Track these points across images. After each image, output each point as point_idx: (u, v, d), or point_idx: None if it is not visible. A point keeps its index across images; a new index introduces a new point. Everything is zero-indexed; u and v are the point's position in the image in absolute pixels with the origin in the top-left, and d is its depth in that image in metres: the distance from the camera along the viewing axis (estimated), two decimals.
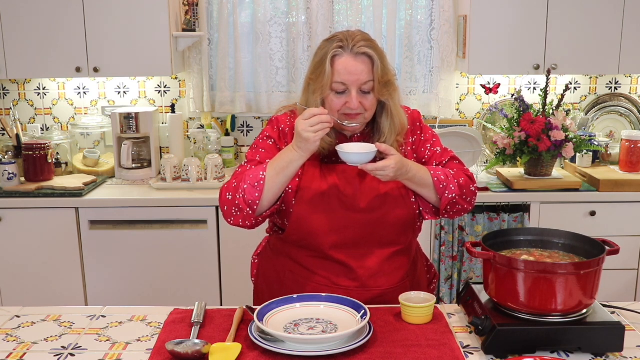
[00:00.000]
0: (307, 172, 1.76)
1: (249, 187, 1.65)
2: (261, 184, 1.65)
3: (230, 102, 3.48)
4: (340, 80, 1.69)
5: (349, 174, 1.76)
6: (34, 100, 3.54)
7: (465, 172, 1.83)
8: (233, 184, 1.70)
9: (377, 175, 1.65)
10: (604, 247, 1.52)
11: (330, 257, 1.75)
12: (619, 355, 1.47)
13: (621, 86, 3.54)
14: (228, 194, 1.70)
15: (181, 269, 3.05)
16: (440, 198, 1.75)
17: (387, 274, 1.78)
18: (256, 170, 1.67)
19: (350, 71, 1.68)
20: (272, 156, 1.74)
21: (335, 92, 1.70)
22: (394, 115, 1.77)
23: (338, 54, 1.69)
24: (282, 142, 1.80)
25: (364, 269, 1.75)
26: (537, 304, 1.46)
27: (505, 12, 3.13)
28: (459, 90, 3.55)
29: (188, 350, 1.42)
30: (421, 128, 1.88)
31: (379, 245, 1.76)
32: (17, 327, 1.63)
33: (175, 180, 3.13)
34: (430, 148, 1.86)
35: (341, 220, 1.73)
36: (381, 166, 1.62)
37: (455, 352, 1.47)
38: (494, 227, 3.05)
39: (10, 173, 3.06)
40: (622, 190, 3.03)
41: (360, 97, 1.70)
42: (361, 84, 1.69)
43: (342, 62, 1.69)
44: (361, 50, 1.69)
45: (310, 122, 1.59)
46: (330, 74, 1.69)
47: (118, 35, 3.12)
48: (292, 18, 3.39)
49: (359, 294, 1.73)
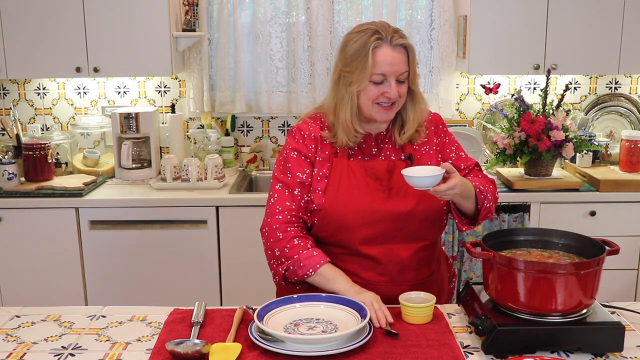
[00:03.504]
0: (336, 169, 1.78)
1: (293, 272, 1.72)
2: (303, 278, 1.71)
3: (230, 102, 3.48)
4: (380, 72, 1.71)
5: (377, 169, 1.78)
6: (34, 100, 3.54)
7: (491, 180, 1.89)
8: (285, 249, 1.73)
9: (444, 195, 1.65)
10: (604, 247, 1.52)
11: (359, 252, 1.76)
12: (619, 355, 1.47)
13: (621, 86, 3.54)
14: (276, 250, 1.75)
15: (181, 269, 3.05)
16: (480, 208, 1.79)
17: (415, 269, 1.79)
18: (310, 262, 1.71)
19: (390, 62, 1.71)
20: (301, 169, 1.78)
21: (374, 83, 1.72)
22: (419, 102, 1.81)
23: (378, 46, 1.71)
24: (307, 149, 1.80)
25: (393, 264, 1.77)
26: (537, 304, 1.46)
27: (505, 12, 3.13)
28: (459, 90, 3.55)
29: (188, 350, 1.42)
30: (444, 131, 1.91)
31: (408, 240, 1.78)
32: (17, 327, 1.62)
33: (175, 180, 3.13)
34: (455, 151, 1.90)
35: (372, 215, 1.74)
36: (452, 185, 1.62)
37: (455, 352, 1.47)
38: (494, 227, 3.05)
39: (10, 173, 3.06)
40: (622, 190, 3.03)
41: (397, 86, 1.73)
42: (399, 75, 1.72)
43: (382, 53, 1.70)
44: (399, 42, 1.72)
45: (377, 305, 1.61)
46: (371, 65, 1.70)
47: (118, 35, 3.12)
48: (292, 18, 3.39)
49: (388, 289, 1.75)
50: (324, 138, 1.80)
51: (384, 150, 1.83)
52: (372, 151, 1.83)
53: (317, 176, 1.78)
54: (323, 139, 1.80)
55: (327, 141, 1.80)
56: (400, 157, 1.82)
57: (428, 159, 1.84)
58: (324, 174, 1.78)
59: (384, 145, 1.83)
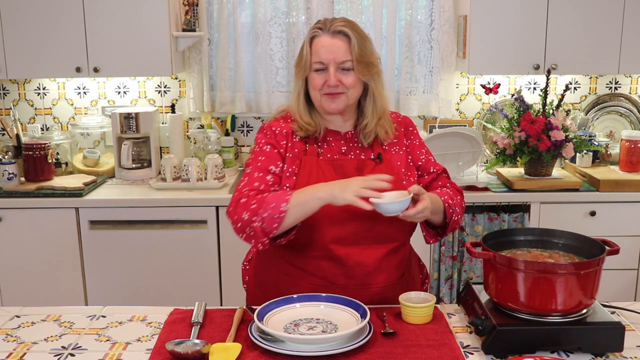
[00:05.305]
0: (305, 167, 1.77)
1: (269, 218, 1.63)
2: (282, 217, 1.62)
3: (230, 102, 3.48)
4: (318, 60, 1.74)
5: (346, 168, 1.78)
6: (34, 100, 3.54)
7: (458, 188, 1.91)
8: (252, 205, 1.66)
9: (414, 219, 1.66)
10: (604, 247, 1.52)
11: (329, 253, 1.74)
12: (619, 355, 1.47)
13: (621, 86, 3.54)
14: (245, 213, 1.67)
15: (181, 269, 3.05)
16: (448, 222, 1.80)
17: (385, 271, 1.78)
18: (279, 199, 1.64)
19: (327, 50, 1.74)
20: (274, 163, 1.77)
21: (316, 72, 1.76)
22: (376, 98, 1.81)
23: (317, 35, 1.76)
24: (279, 144, 1.81)
25: (362, 266, 1.75)
26: (537, 304, 1.46)
27: (505, 12, 3.13)
28: (459, 90, 3.55)
29: (188, 350, 1.42)
30: (414, 134, 1.93)
31: (377, 241, 1.77)
32: (17, 327, 1.63)
33: (175, 180, 3.13)
34: (425, 154, 1.91)
35: (341, 214, 1.73)
36: (421, 209, 1.63)
37: (455, 352, 1.47)
38: (494, 227, 3.05)
39: (10, 173, 3.06)
40: (622, 190, 3.03)
41: (340, 75, 1.74)
42: (339, 62, 1.74)
43: (320, 41, 1.75)
44: (337, 29, 1.74)
45: (367, 182, 1.60)
46: (309, 54, 1.75)
47: (118, 35, 3.12)
48: (292, 18, 3.39)
49: (358, 292, 1.73)
50: (294, 132, 1.81)
51: (352, 149, 1.83)
52: (341, 150, 1.83)
53: (287, 172, 1.78)
54: (293, 135, 1.81)
55: (297, 138, 1.81)
56: (369, 157, 1.82)
57: (397, 159, 1.84)
58: (293, 171, 1.77)
59: (352, 144, 1.84)
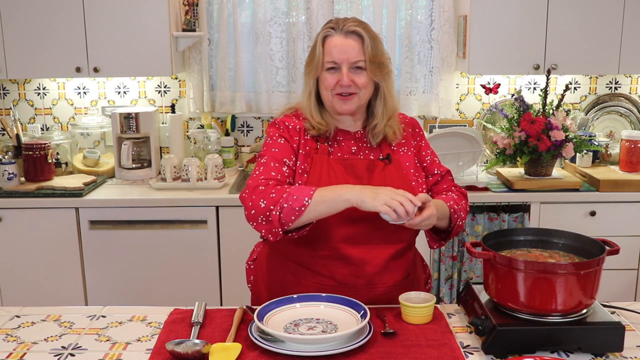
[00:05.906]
0: (316, 165, 1.77)
1: (289, 209, 1.60)
2: (302, 210, 1.60)
3: (230, 102, 3.48)
4: (331, 59, 1.74)
5: (357, 167, 1.79)
6: (34, 100, 3.54)
7: (462, 191, 1.91)
8: (271, 194, 1.62)
9: (420, 226, 1.66)
10: (604, 247, 1.52)
11: (338, 253, 1.74)
12: (619, 355, 1.47)
13: (621, 86, 3.54)
14: (262, 201, 1.62)
15: (181, 269, 3.05)
16: (453, 226, 1.80)
17: (392, 271, 1.78)
18: (301, 192, 1.61)
19: (340, 49, 1.73)
20: (288, 155, 1.76)
21: (329, 72, 1.75)
22: (386, 98, 1.81)
23: (329, 34, 1.76)
24: (292, 139, 1.79)
25: (370, 266, 1.75)
26: (537, 304, 1.46)
27: (505, 12, 3.13)
28: (459, 90, 3.55)
29: (188, 350, 1.42)
30: (421, 135, 1.94)
31: (386, 242, 1.77)
32: (17, 327, 1.63)
33: (175, 180, 3.13)
34: (430, 156, 1.92)
35: (351, 213, 1.71)
36: (427, 216, 1.63)
37: (455, 352, 1.47)
38: (494, 227, 3.05)
39: (10, 173, 3.06)
40: (622, 190, 3.03)
41: (353, 75, 1.74)
42: (352, 62, 1.74)
43: (333, 41, 1.75)
44: (350, 29, 1.74)
45: (398, 197, 1.57)
46: (321, 54, 1.75)
47: (118, 35, 3.12)
48: (292, 18, 3.39)
49: (366, 292, 1.74)
50: (307, 130, 1.80)
51: (362, 149, 1.83)
52: (351, 149, 1.83)
53: (299, 169, 1.77)
54: (305, 133, 1.80)
55: (309, 136, 1.80)
56: (378, 157, 1.82)
57: (406, 159, 1.85)
58: (305, 169, 1.76)
59: (362, 144, 1.84)
